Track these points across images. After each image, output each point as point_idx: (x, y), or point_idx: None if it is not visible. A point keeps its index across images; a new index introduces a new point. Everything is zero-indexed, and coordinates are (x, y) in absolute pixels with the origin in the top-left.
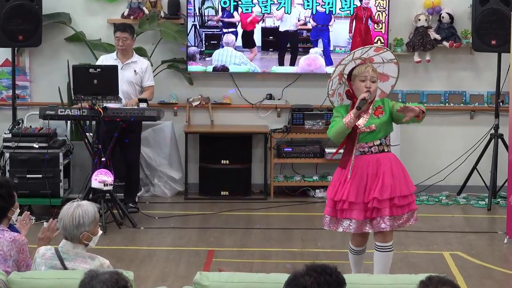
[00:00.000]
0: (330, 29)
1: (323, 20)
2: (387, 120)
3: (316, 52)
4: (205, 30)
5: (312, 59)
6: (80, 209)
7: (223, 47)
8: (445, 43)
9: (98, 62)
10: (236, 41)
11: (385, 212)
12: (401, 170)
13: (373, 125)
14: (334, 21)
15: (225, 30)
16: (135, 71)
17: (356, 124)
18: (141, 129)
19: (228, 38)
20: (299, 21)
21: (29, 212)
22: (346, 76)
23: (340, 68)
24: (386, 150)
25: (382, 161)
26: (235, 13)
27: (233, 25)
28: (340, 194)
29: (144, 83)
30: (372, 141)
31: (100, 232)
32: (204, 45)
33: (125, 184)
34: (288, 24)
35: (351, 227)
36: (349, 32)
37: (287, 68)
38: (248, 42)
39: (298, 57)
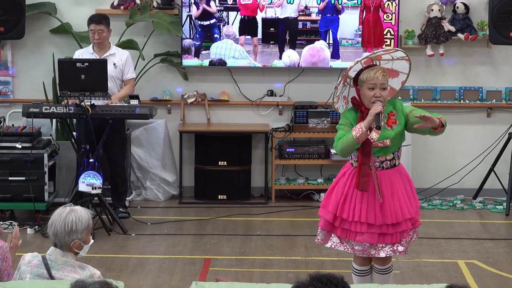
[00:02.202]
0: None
1: (332, 9)
2: (402, 130)
3: (321, 45)
4: (201, 21)
5: (316, 50)
6: (74, 214)
7: (222, 39)
8: (460, 35)
9: (75, 57)
10: (220, 33)
11: (404, 235)
12: (410, 186)
13: (388, 141)
14: (343, 10)
15: (205, 23)
16: (114, 64)
17: (369, 138)
18: (125, 128)
19: (228, 30)
20: (299, 6)
21: (18, 228)
22: (351, 78)
23: (345, 75)
24: (397, 164)
25: (394, 178)
26: (211, 3)
27: (210, 16)
28: (351, 213)
29: (125, 76)
30: (384, 155)
31: (92, 241)
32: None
33: (111, 188)
34: (288, 11)
35: (363, 252)
36: (359, 24)
37: (277, 62)
38: (245, 29)
39: (296, 50)
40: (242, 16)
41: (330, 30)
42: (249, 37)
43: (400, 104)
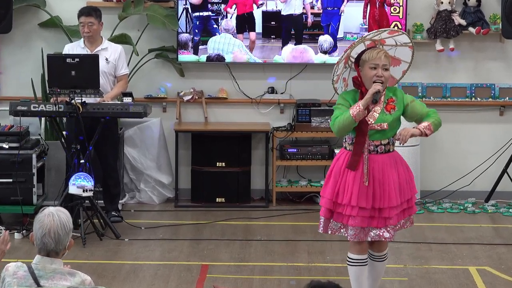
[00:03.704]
0: (341, 13)
1: (334, 3)
2: (399, 115)
3: (325, 40)
4: (198, 12)
5: (299, 51)
6: (62, 213)
7: (220, 33)
8: (471, 29)
9: (65, 52)
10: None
11: (391, 221)
12: (406, 171)
13: (385, 124)
14: (348, 2)
15: (201, 13)
16: (106, 59)
17: (366, 119)
18: (117, 127)
19: (228, 23)
20: (305, 4)
21: (7, 232)
22: (353, 60)
23: (347, 52)
24: (391, 150)
25: (388, 163)
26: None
27: (205, 7)
28: (345, 197)
29: (118, 71)
30: (380, 139)
31: None
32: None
33: (103, 190)
34: (293, 7)
35: (355, 236)
36: (363, 18)
37: (277, 58)
38: (244, 26)
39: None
40: (239, 14)
41: (330, 24)
42: (246, 32)
43: (401, 93)
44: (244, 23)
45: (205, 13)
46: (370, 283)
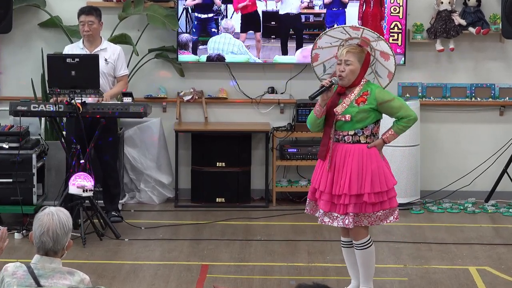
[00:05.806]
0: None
1: (338, 3)
2: (368, 109)
3: None
4: (199, 14)
5: (308, 51)
6: (62, 213)
7: (220, 33)
8: (471, 29)
9: (65, 53)
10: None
11: (349, 209)
12: (376, 164)
13: (348, 116)
14: (348, 2)
15: (203, 16)
16: (106, 59)
17: (334, 110)
18: (117, 127)
19: (227, 23)
20: (302, 3)
21: (6, 229)
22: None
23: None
24: (362, 141)
25: (351, 153)
26: None
27: (209, 9)
28: (316, 182)
29: (117, 72)
30: (347, 130)
31: None
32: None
33: (103, 190)
34: (289, 6)
35: (319, 219)
36: (358, 19)
37: (289, 58)
38: (250, 26)
39: (303, 45)
40: (243, 14)
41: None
42: (251, 31)
43: (377, 91)
44: (248, 23)
45: (204, 15)
46: (360, 271)
